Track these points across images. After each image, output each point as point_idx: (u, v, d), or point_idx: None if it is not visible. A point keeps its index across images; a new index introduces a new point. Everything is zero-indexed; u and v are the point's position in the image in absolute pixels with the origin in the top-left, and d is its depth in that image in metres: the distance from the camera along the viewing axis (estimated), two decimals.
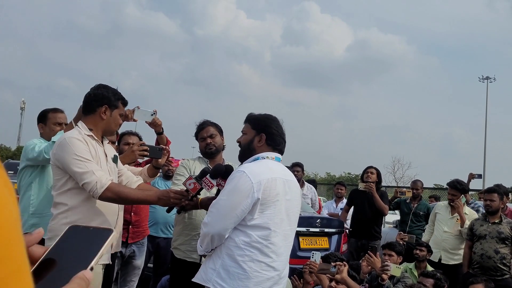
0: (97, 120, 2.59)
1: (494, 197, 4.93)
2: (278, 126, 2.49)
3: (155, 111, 3.55)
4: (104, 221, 2.52)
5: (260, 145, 2.43)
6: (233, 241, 2.25)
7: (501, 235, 4.80)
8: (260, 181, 2.23)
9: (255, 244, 2.23)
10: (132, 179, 2.80)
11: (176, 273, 3.14)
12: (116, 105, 2.62)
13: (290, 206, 2.37)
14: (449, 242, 5.24)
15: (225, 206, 2.24)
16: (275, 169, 2.34)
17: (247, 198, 2.21)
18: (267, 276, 2.25)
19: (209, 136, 3.19)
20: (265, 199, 2.23)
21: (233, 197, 2.23)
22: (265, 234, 2.25)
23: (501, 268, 4.73)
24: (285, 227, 2.34)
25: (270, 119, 2.50)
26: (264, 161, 2.38)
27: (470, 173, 7.02)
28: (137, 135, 4.18)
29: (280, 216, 2.30)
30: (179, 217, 3.13)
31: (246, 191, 2.21)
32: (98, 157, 2.52)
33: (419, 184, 6.64)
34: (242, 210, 2.21)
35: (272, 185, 2.26)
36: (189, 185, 2.51)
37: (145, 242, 4.18)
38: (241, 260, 2.22)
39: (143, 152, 3.12)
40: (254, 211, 2.23)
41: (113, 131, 2.72)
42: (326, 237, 5.32)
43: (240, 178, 2.25)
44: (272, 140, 2.44)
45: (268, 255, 2.26)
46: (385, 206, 5.80)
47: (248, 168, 2.29)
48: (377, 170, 6.02)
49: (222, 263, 2.25)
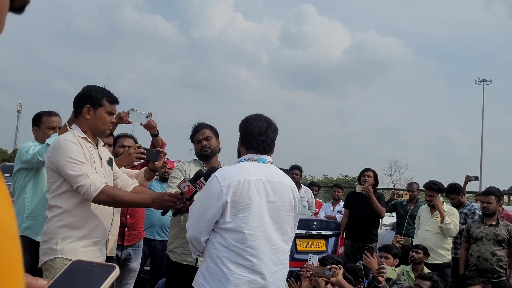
0: (83, 121, 2.56)
1: (492, 199, 4.92)
2: (257, 126, 2.37)
3: (150, 113, 3.54)
4: (98, 223, 2.51)
5: (241, 149, 2.43)
6: (212, 243, 2.26)
7: (497, 237, 4.80)
8: (230, 184, 2.20)
9: (231, 247, 2.23)
10: (128, 182, 2.78)
11: (172, 276, 3.13)
12: (99, 103, 2.56)
13: (273, 208, 2.29)
14: (430, 240, 5.23)
15: (198, 210, 2.27)
16: (252, 171, 2.28)
17: (217, 201, 2.20)
18: (248, 278, 2.23)
19: (205, 138, 3.18)
20: (235, 201, 2.20)
21: (204, 201, 2.26)
22: (240, 238, 2.22)
23: (498, 270, 4.73)
24: (269, 229, 2.27)
25: (248, 119, 2.43)
26: (242, 163, 2.35)
27: (466, 176, 7.05)
28: (132, 137, 4.16)
29: (260, 219, 2.25)
30: (174, 220, 3.12)
31: (215, 194, 2.21)
32: (92, 159, 2.51)
33: (415, 186, 6.64)
34: (213, 214, 2.22)
35: (244, 188, 2.22)
36: (183, 187, 2.50)
37: (141, 245, 4.16)
38: (220, 262, 2.22)
39: (140, 155, 3.11)
40: (226, 214, 2.22)
41: (103, 131, 2.64)
42: (323, 240, 5.31)
43: (211, 182, 2.27)
44: (247, 142, 2.38)
45: (247, 258, 2.23)
46: (382, 209, 5.80)
47: (221, 172, 2.30)
48: (374, 172, 6.02)
49: (206, 265, 2.28)
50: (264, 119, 2.42)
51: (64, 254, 2.38)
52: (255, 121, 2.39)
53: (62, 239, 2.39)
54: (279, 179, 2.37)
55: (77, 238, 2.42)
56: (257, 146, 2.36)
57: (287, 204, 2.37)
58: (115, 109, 2.66)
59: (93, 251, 2.48)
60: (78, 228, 2.43)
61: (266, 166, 2.36)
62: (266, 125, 2.40)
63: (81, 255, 2.41)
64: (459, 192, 5.78)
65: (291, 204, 2.39)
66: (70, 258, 2.38)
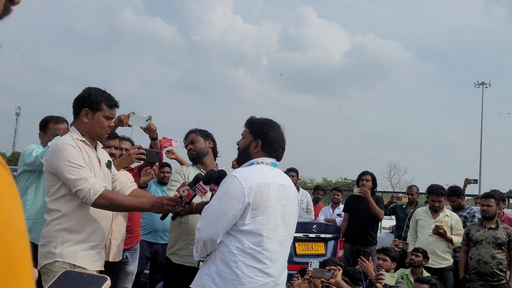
0: (81, 124, 2.55)
1: (491, 202, 4.92)
2: (276, 132, 2.46)
3: (150, 116, 3.55)
4: (97, 227, 2.50)
5: (255, 151, 2.42)
6: (227, 246, 2.24)
7: (497, 240, 4.79)
8: (252, 186, 2.22)
9: (248, 250, 2.22)
10: (126, 185, 2.77)
11: (172, 279, 3.13)
12: (98, 107, 2.54)
13: (285, 212, 2.35)
14: (436, 245, 5.23)
15: (216, 211, 2.24)
16: (269, 174, 2.33)
17: (238, 203, 2.20)
18: (261, 282, 2.24)
19: (190, 142, 3.23)
20: (256, 204, 2.22)
21: (224, 202, 2.23)
22: (258, 241, 2.24)
23: (498, 273, 4.72)
24: (281, 233, 2.32)
25: (269, 125, 2.48)
26: (258, 166, 2.37)
27: (466, 178, 7.06)
28: (129, 140, 4.16)
29: (275, 222, 2.28)
30: (174, 223, 3.12)
31: (237, 195, 2.20)
32: (91, 162, 2.49)
33: (415, 189, 6.64)
34: (233, 215, 2.21)
35: (264, 190, 2.25)
36: (182, 192, 2.50)
37: (138, 248, 4.16)
38: (235, 266, 2.21)
39: (140, 156, 3.11)
40: (246, 216, 2.22)
41: (100, 135, 2.60)
42: (323, 243, 5.31)
43: (231, 183, 2.24)
44: (268, 147, 2.43)
45: (262, 261, 2.24)
46: (381, 211, 5.79)
47: (240, 173, 2.29)
48: (372, 175, 6.01)
49: (216, 268, 2.24)
50: (279, 126, 2.52)
51: (63, 257, 2.37)
52: (276, 127, 2.48)
53: (61, 243, 2.38)
54: (289, 183, 2.44)
55: (76, 241, 2.41)
56: (276, 151, 2.45)
57: (294, 209, 2.45)
58: (114, 113, 2.64)
59: (92, 254, 2.47)
60: (77, 232, 2.42)
61: (278, 170, 2.44)
62: (282, 132, 2.51)
63: (80, 258, 2.40)
64: (459, 195, 5.79)
65: (296, 208, 2.47)
66: (69, 262, 2.38)
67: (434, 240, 5.24)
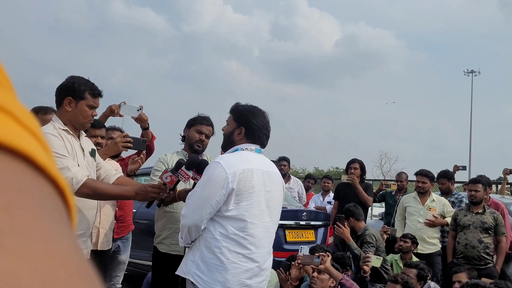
0: (63, 113, 2.52)
1: (479, 188, 4.99)
2: (260, 120, 2.46)
3: (141, 106, 3.54)
4: (82, 217, 2.48)
5: (239, 138, 2.43)
6: (211, 232, 2.25)
7: (484, 225, 4.86)
8: (235, 172, 2.23)
9: (232, 236, 2.24)
10: (111, 172, 2.75)
11: (159, 267, 3.13)
12: (81, 96, 2.50)
13: (270, 198, 2.36)
14: (424, 231, 5.28)
15: (200, 197, 2.25)
16: (253, 161, 2.34)
17: (222, 188, 2.21)
18: (245, 267, 2.25)
19: (206, 135, 3.17)
20: (240, 189, 2.23)
21: (208, 187, 2.24)
22: (242, 226, 2.25)
23: (485, 257, 4.79)
24: (265, 218, 2.33)
25: (253, 112, 2.47)
26: (242, 153, 2.37)
27: (454, 165, 7.11)
28: (120, 130, 4.14)
29: (259, 208, 2.30)
30: (160, 212, 3.12)
31: (221, 181, 2.21)
32: (74, 152, 2.47)
33: (404, 176, 6.69)
34: (217, 201, 2.22)
35: (248, 176, 2.26)
36: (165, 178, 2.49)
37: (130, 237, 4.16)
38: (219, 252, 2.22)
39: (127, 144, 3.10)
40: (229, 202, 2.23)
41: (83, 124, 2.58)
42: (313, 230, 5.33)
43: (215, 169, 2.25)
44: (251, 134, 2.43)
45: (246, 246, 2.26)
46: (369, 198, 5.82)
47: (224, 159, 2.30)
48: (360, 163, 6.04)
49: (200, 255, 2.26)
50: (263, 113, 2.51)
51: None
52: (260, 114, 2.48)
53: None
54: (273, 169, 2.46)
55: None
56: (260, 139, 2.45)
57: (279, 195, 2.46)
58: (98, 102, 2.60)
59: None
60: None
61: (262, 156, 2.44)
62: (267, 119, 2.51)
63: None
64: (450, 178, 5.84)
65: (281, 194, 2.48)
66: None
67: (423, 227, 5.30)
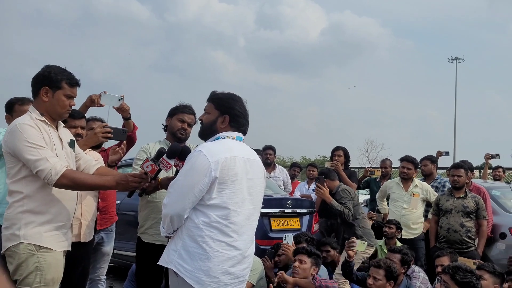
0: (40, 103, 2.47)
1: (461, 173, 5.07)
2: (242, 106, 2.45)
3: (122, 96, 3.49)
4: (62, 208, 2.45)
5: (223, 126, 2.40)
6: (193, 221, 2.24)
7: (466, 209, 4.94)
8: (218, 160, 2.21)
9: (214, 224, 2.23)
10: (91, 163, 2.72)
11: (143, 258, 3.13)
12: (58, 85, 2.46)
13: (252, 186, 2.36)
14: (409, 217, 5.36)
15: (183, 186, 2.23)
16: (235, 148, 2.32)
17: (205, 177, 2.19)
18: (228, 255, 2.25)
19: (188, 123, 3.21)
20: (223, 178, 2.22)
21: (190, 176, 2.22)
22: (224, 214, 2.24)
23: (467, 241, 4.88)
24: (248, 206, 2.33)
25: (234, 99, 2.46)
26: (223, 141, 2.36)
27: (438, 151, 7.20)
28: (101, 120, 4.09)
29: (241, 196, 2.29)
30: (143, 202, 3.10)
31: (204, 170, 2.19)
32: (52, 142, 2.43)
33: (388, 162, 6.76)
34: (200, 190, 2.20)
35: (231, 164, 2.24)
36: (146, 167, 2.46)
37: (114, 229, 4.13)
38: (202, 241, 2.21)
39: (106, 134, 3.06)
40: (212, 191, 2.22)
41: (61, 114, 2.54)
42: (298, 218, 5.36)
43: (197, 158, 2.23)
44: (236, 121, 2.41)
45: (229, 234, 2.25)
46: (353, 184, 5.85)
47: (206, 148, 2.27)
48: (344, 150, 6.07)
49: (183, 244, 2.24)
50: (242, 100, 2.50)
51: (27, 239, 2.33)
52: (240, 101, 2.47)
53: (25, 224, 2.34)
54: (254, 157, 2.45)
55: (40, 223, 2.36)
56: (244, 126, 2.44)
57: (261, 182, 2.45)
58: (75, 92, 2.56)
59: (58, 235, 2.43)
60: (41, 213, 2.37)
61: (243, 144, 2.42)
62: (246, 106, 2.50)
63: (45, 239, 2.36)
64: (433, 161, 5.90)
65: (262, 182, 2.47)
66: (34, 243, 2.34)
67: (407, 213, 5.36)
